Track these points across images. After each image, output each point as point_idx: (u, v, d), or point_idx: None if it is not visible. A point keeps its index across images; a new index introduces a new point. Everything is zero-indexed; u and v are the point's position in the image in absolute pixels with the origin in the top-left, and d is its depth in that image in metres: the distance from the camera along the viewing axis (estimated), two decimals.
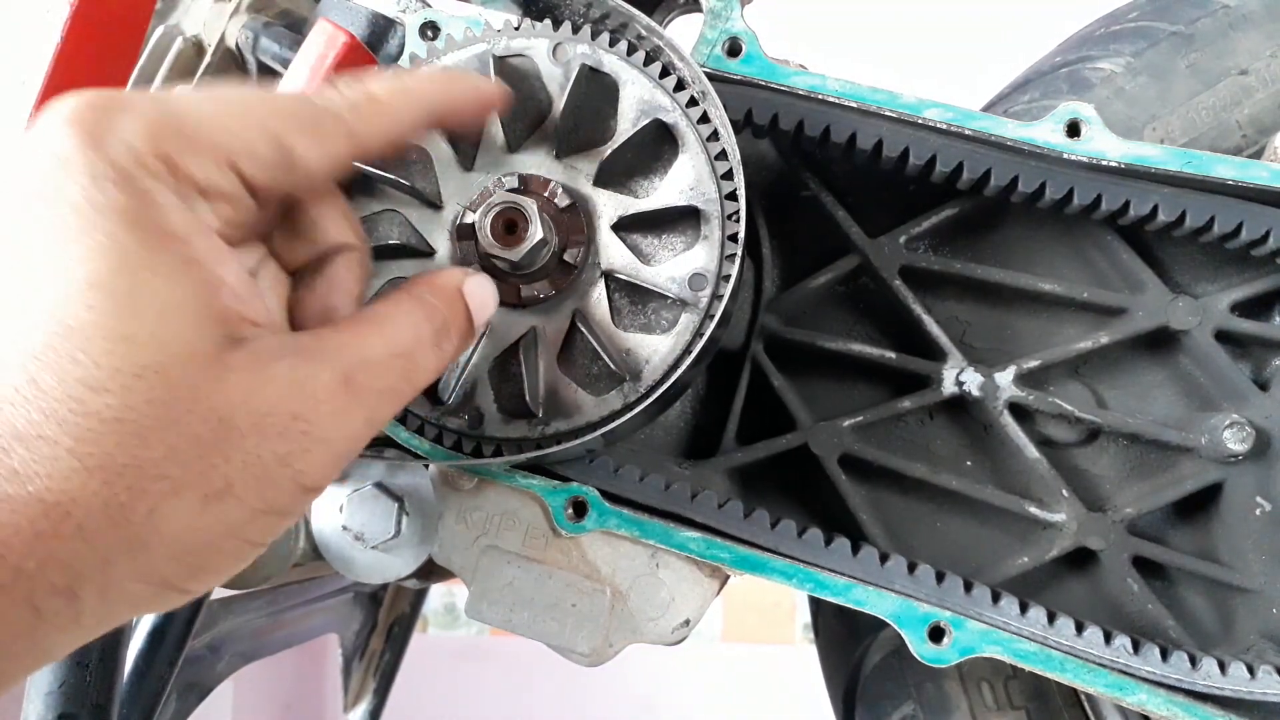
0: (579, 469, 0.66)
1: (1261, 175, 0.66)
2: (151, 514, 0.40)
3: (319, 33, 0.69)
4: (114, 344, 0.39)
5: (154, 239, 0.41)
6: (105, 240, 0.39)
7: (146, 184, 0.41)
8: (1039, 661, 0.65)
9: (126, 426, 0.39)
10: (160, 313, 0.40)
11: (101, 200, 0.40)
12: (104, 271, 0.39)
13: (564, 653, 0.69)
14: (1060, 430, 0.79)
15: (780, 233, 0.82)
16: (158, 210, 0.41)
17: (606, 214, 0.62)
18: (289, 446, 0.42)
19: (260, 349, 0.43)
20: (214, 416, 0.40)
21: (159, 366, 0.39)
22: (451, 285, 0.52)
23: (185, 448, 0.40)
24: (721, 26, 0.68)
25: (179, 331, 0.40)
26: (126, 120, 0.42)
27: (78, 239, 0.39)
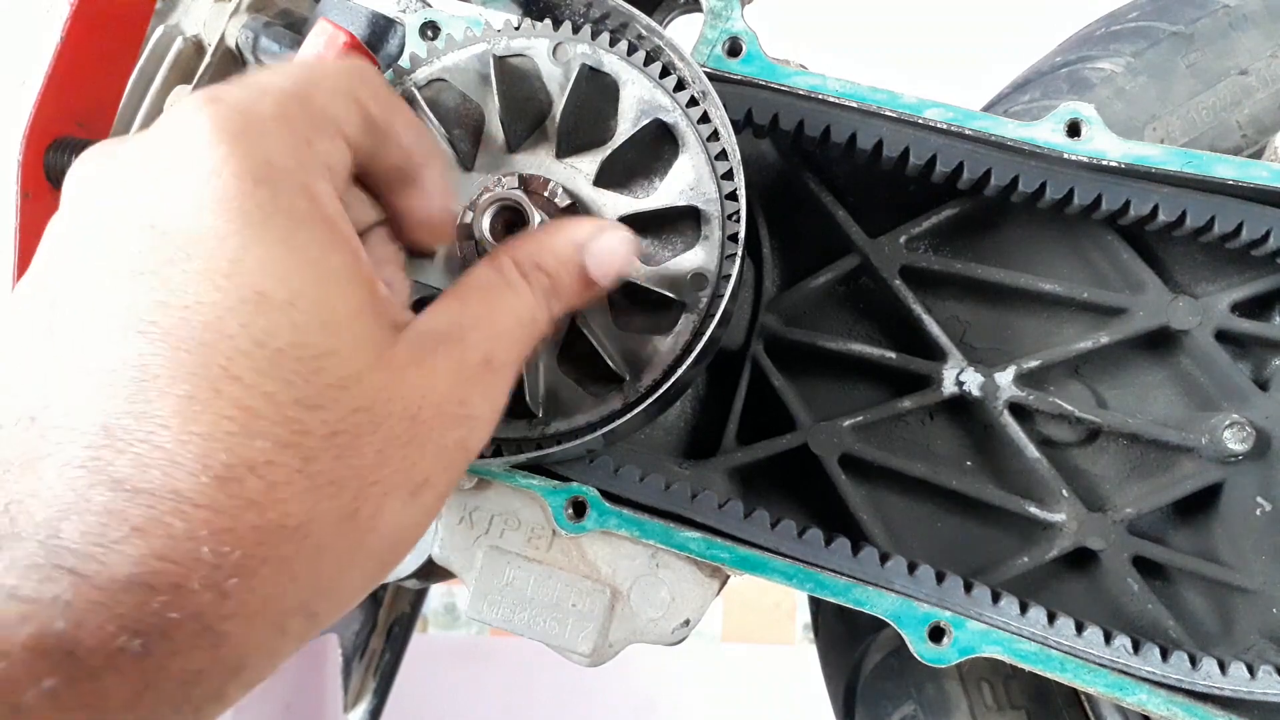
0: (579, 469, 0.66)
1: (1261, 175, 0.66)
2: (372, 518, 0.41)
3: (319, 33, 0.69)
4: (321, 360, 0.39)
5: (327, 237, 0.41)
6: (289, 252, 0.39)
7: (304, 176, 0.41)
8: (1039, 661, 0.65)
9: (342, 439, 0.39)
10: (350, 319, 0.40)
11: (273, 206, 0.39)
12: (299, 288, 0.39)
13: (564, 653, 0.69)
14: (1060, 430, 0.79)
15: (780, 233, 0.82)
16: (320, 201, 0.41)
17: (607, 214, 0.62)
18: (463, 430, 0.45)
19: (415, 340, 0.43)
20: (406, 415, 0.41)
21: (359, 375, 0.40)
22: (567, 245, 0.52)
23: (390, 450, 0.41)
24: (722, 26, 0.68)
25: (367, 334, 0.41)
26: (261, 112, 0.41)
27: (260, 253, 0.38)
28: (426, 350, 0.43)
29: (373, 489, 0.40)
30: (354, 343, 0.40)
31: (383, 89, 0.48)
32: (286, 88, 0.43)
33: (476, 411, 0.45)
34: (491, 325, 0.47)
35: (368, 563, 0.42)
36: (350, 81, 0.46)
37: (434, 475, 0.43)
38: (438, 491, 0.44)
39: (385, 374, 0.41)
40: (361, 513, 0.40)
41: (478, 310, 0.47)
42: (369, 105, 0.46)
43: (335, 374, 0.39)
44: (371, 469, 0.40)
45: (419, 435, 0.42)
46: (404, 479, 0.42)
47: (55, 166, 0.69)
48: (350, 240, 0.42)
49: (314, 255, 0.40)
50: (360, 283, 0.42)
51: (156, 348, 0.37)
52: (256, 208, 0.38)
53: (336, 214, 0.42)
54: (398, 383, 0.41)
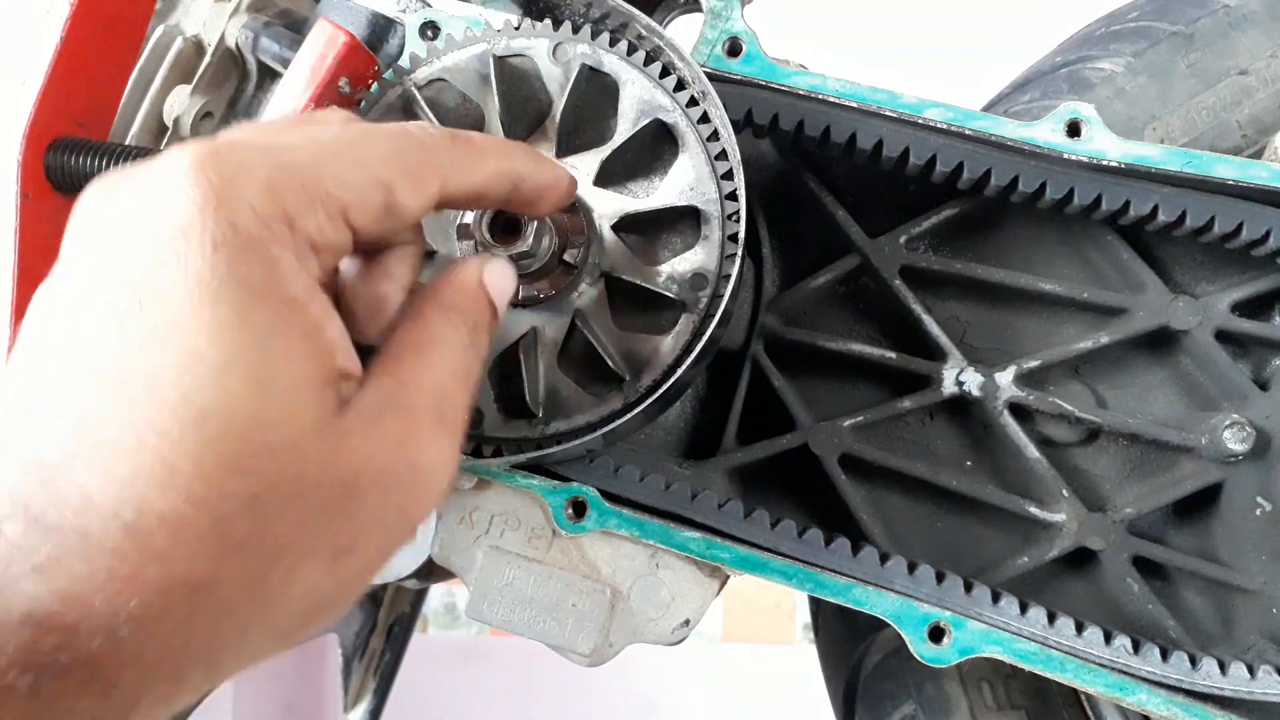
0: (579, 469, 0.66)
1: (1261, 175, 0.66)
2: (285, 580, 0.40)
3: (319, 33, 0.69)
4: (250, 426, 0.39)
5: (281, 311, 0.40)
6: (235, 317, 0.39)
7: (271, 251, 0.41)
8: (1039, 661, 0.65)
9: (263, 504, 0.39)
10: (289, 389, 0.40)
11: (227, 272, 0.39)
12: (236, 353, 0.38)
13: (564, 653, 0.69)
14: (1060, 430, 0.79)
15: (780, 233, 0.82)
16: (282, 278, 0.41)
17: (607, 214, 0.62)
18: (405, 496, 0.44)
19: (364, 406, 0.43)
20: (339, 483, 0.41)
21: (291, 443, 0.40)
22: (473, 281, 0.52)
23: (316, 516, 0.41)
24: (722, 26, 0.68)
25: (306, 405, 0.41)
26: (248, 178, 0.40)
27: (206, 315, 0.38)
28: (374, 417, 0.43)
29: (289, 553, 0.40)
30: (288, 412, 0.40)
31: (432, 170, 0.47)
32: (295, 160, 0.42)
33: (426, 476, 0.45)
34: (435, 383, 0.46)
35: (280, 622, 0.42)
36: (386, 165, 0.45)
37: (361, 542, 0.43)
38: (365, 560, 0.43)
39: (322, 443, 0.41)
40: (273, 575, 0.40)
41: (414, 368, 0.46)
42: (399, 193, 0.45)
43: (262, 440, 0.39)
44: (291, 533, 0.40)
45: (351, 503, 0.42)
46: (325, 545, 0.41)
47: (55, 166, 0.69)
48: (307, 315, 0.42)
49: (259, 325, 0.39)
50: (308, 356, 0.41)
51: (99, 393, 0.38)
52: (210, 272, 0.39)
53: (298, 289, 0.41)
54: (335, 451, 0.41)
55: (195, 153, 0.40)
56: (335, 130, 0.45)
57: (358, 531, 0.42)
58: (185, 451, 0.37)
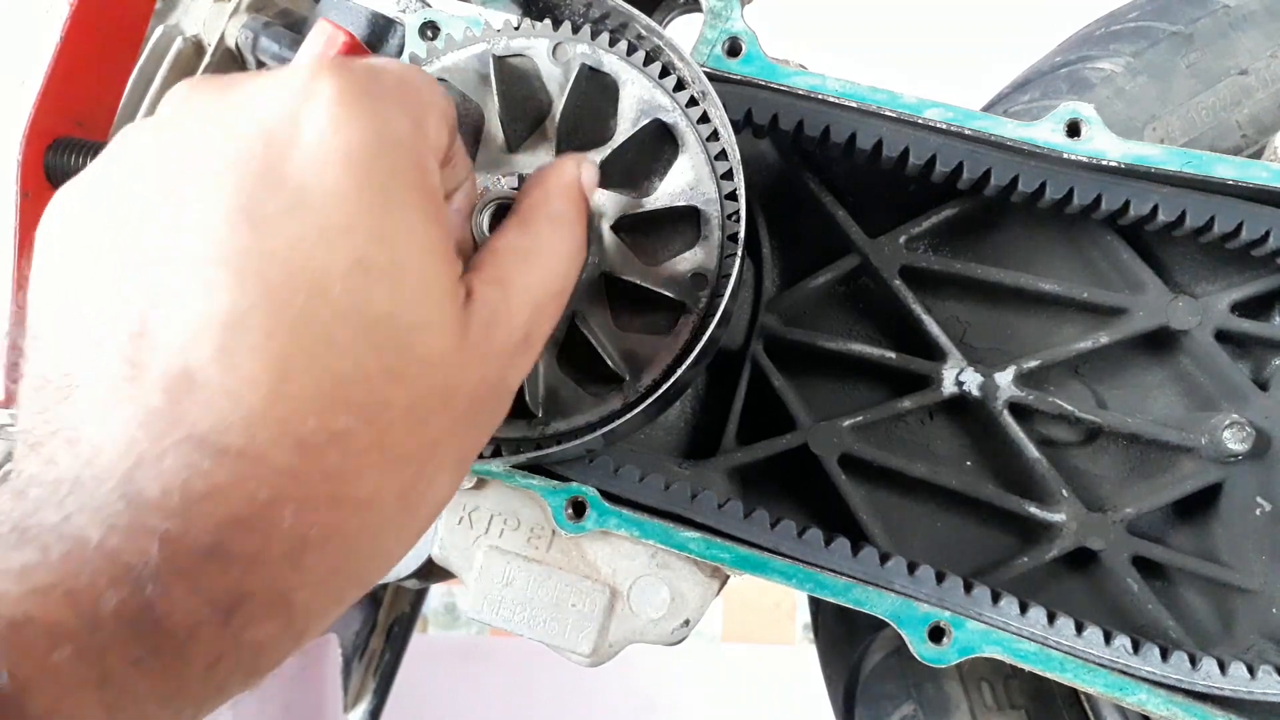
0: (579, 469, 0.66)
1: (1261, 175, 0.66)
2: (426, 490, 0.41)
3: (319, 33, 0.69)
4: (413, 333, 0.38)
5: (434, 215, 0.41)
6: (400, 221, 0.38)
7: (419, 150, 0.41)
8: (1039, 661, 0.65)
9: (417, 414, 0.39)
10: (442, 297, 0.40)
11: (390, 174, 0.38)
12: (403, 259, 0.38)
13: (564, 653, 0.69)
14: (1060, 430, 0.79)
15: (780, 233, 0.82)
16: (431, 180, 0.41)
17: (606, 214, 0.62)
18: (498, 406, 0.46)
19: (481, 317, 0.43)
20: (469, 393, 0.42)
21: (443, 353, 0.40)
22: (574, 184, 0.52)
23: (453, 426, 0.41)
24: (721, 26, 0.68)
25: (454, 313, 0.41)
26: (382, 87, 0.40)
27: (374, 218, 0.37)
28: (487, 328, 0.44)
29: (432, 463, 0.41)
30: (443, 320, 0.40)
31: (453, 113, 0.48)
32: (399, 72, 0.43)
33: (511, 387, 0.47)
34: (532, 298, 0.47)
35: (414, 533, 0.42)
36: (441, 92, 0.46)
37: (474, 449, 0.45)
38: (470, 464, 0.45)
39: (462, 352, 0.41)
40: (419, 487, 0.40)
41: (519, 282, 0.47)
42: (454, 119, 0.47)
43: (423, 348, 0.39)
44: (435, 445, 0.40)
45: (473, 413, 0.43)
46: (456, 455, 0.43)
47: (55, 166, 0.69)
48: (446, 218, 0.43)
49: (420, 228, 0.39)
50: (451, 261, 0.42)
51: (256, 299, 0.35)
52: (376, 172, 0.38)
53: (439, 191, 0.42)
54: (468, 361, 0.42)
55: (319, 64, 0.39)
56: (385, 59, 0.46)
57: (475, 439, 0.44)
58: (354, 361, 0.36)
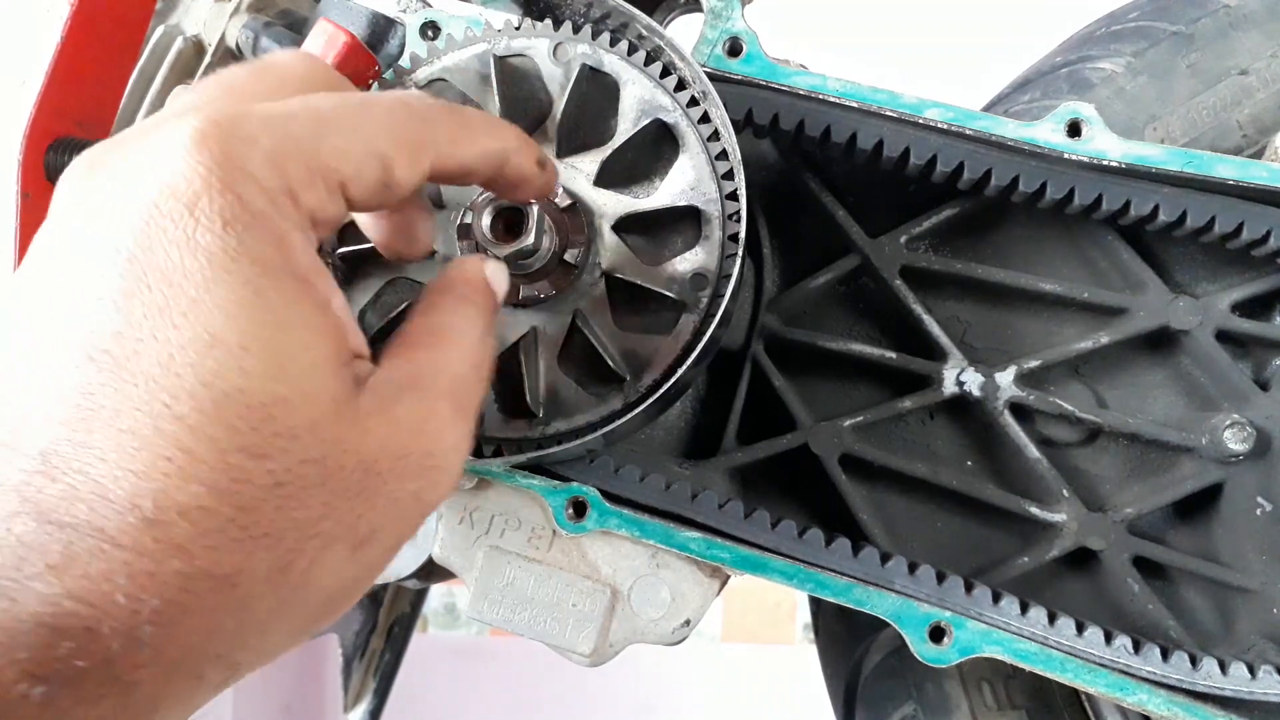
0: (579, 469, 0.66)
1: (1262, 175, 0.66)
2: (306, 572, 0.39)
3: (319, 33, 0.69)
4: (270, 408, 0.37)
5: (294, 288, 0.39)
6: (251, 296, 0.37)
7: (280, 226, 0.39)
8: (1039, 661, 0.65)
9: (285, 490, 0.38)
10: (308, 370, 0.39)
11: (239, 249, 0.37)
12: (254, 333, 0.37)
13: (564, 653, 0.69)
14: (1061, 430, 0.79)
15: (780, 233, 0.82)
16: (292, 254, 0.40)
17: (607, 214, 0.62)
18: (421, 482, 0.43)
19: (380, 388, 0.42)
20: (359, 467, 0.40)
21: (311, 425, 0.38)
22: (480, 276, 0.51)
23: (338, 502, 0.39)
24: (722, 26, 0.68)
25: (325, 385, 0.39)
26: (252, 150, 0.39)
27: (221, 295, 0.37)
28: (390, 399, 0.42)
29: (311, 542, 0.39)
30: (308, 393, 0.39)
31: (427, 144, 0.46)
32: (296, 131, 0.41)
33: (442, 462, 0.44)
34: (448, 370, 0.46)
35: (299, 616, 0.41)
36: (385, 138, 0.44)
37: (381, 528, 0.42)
38: (385, 545, 0.43)
39: (342, 425, 0.40)
40: (296, 565, 0.39)
41: (432, 356, 0.46)
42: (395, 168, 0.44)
43: (285, 423, 0.38)
44: (314, 522, 0.39)
45: (371, 487, 0.41)
46: (347, 532, 0.40)
47: (55, 166, 0.69)
48: (317, 293, 0.41)
49: (275, 304, 0.38)
50: (323, 334, 0.40)
51: (106, 377, 0.36)
52: (222, 249, 0.37)
53: (307, 265, 0.40)
54: (355, 434, 0.40)
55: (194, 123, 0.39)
56: (334, 98, 0.44)
57: (377, 517, 0.41)
58: (205, 437, 0.36)
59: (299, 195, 0.40)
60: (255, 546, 0.37)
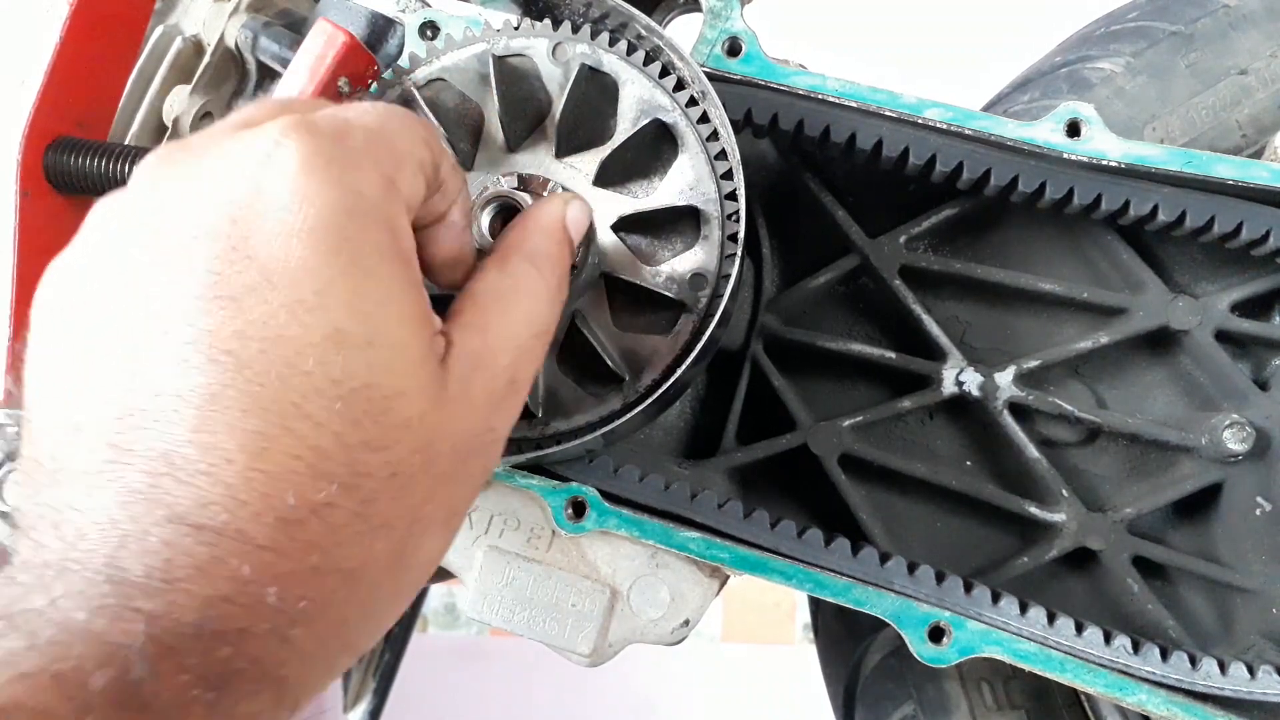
0: (579, 469, 0.66)
1: (1261, 175, 0.66)
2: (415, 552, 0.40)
3: (318, 32, 0.69)
4: (390, 401, 0.38)
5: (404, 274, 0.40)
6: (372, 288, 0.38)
7: (389, 211, 0.40)
8: (1039, 662, 0.65)
9: (399, 480, 0.38)
10: (419, 360, 0.40)
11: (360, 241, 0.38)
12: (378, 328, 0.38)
13: (564, 653, 0.69)
14: (1060, 430, 0.79)
15: (780, 233, 0.82)
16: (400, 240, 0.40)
17: (606, 214, 0.62)
18: (488, 456, 0.45)
19: (459, 369, 0.43)
20: (452, 451, 0.41)
21: (421, 415, 0.39)
22: (557, 223, 0.51)
23: (437, 487, 0.41)
24: (721, 26, 0.68)
25: (430, 376, 0.40)
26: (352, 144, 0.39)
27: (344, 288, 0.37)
28: (468, 379, 0.43)
29: (417, 527, 0.40)
30: (421, 384, 0.39)
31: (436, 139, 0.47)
32: (371, 124, 0.42)
33: (501, 435, 0.45)
34: (514, 341, 0.46)
35: (406, 595, 0.42)
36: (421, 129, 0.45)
37: (463, 503, 0.44)
38: (463, 516, 0.45)
39: (440, 412, 0.40)
40: (407, 551, 0.40)
41: (499, 325, 0.46)
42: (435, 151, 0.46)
43: (401, 414, 0.38)
44: (420, 507, 0.40)
45: (459, 469, 0.42)
46: (444, 513, 0.42)
47: (55, 166, 0.69)
48: (420, 278, 0.41)
49: (393, 294, 0.39)
50: (426, 322, 0.41)
51: (230, 378, 0.35)
52: (345, 241, 0.37)
53: (411, 251, 0.41)
54: (448, 419, 0.41)
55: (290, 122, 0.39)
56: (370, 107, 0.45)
57: (462, 494, 0.43)
58: (332, 434, 0.36)
59: (397, 180, 0.41)
60: (375, 538, 0.38)
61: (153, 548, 0.34)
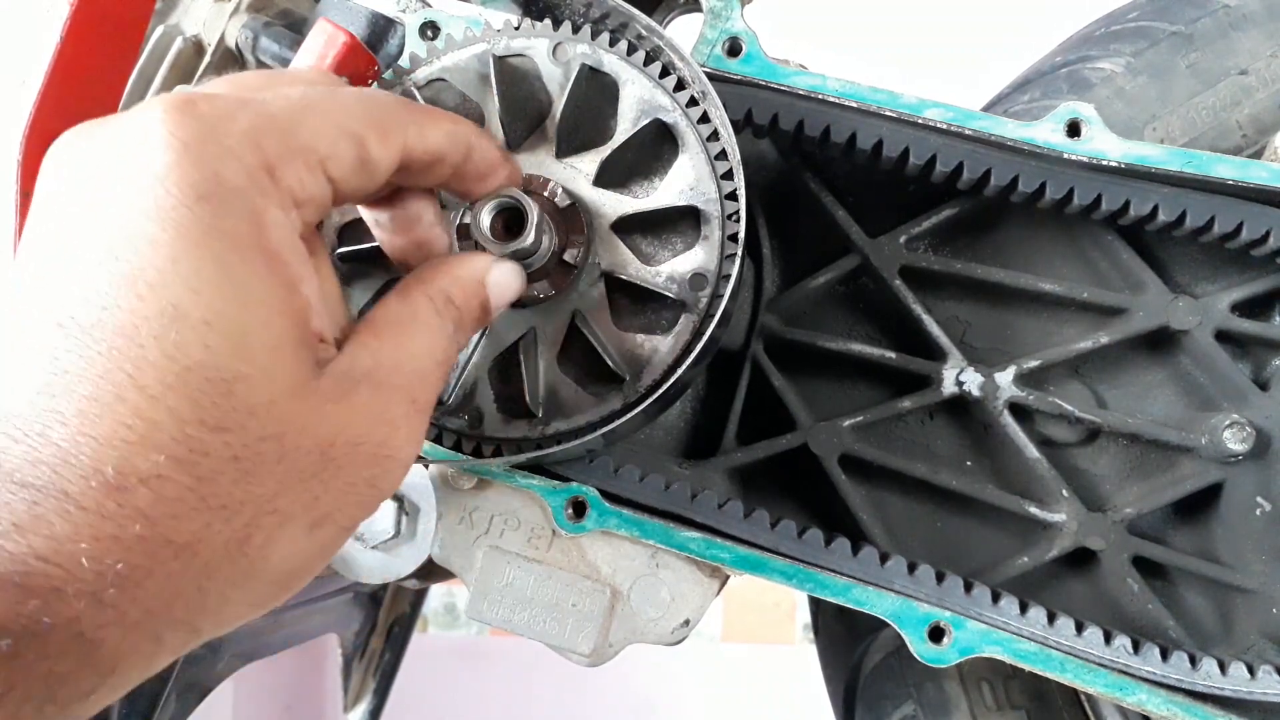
0: (579, 469, 0.66)
1: (1261, 175, 0.66)
2: (264, 546, 0.40)
3: (319, 32, 0.69)
4: (230, 383, 0.38)
5: (263, 266, 0.40)
6: (218, 271, 0.38)
7: (256, 202, 0.40)
8: (1039, 661, 0.65)
9: (243, 464, 0.39)
10: (270, 347, 0.40)
11: (211, 223, 0.38)
12: (220, 308, 0.38)
13: (564, 653, 0.69)
14: (1060, 430, 0.79)
15: (780, 233, 0.82)
16: (265, 231, 0.40)
17: (606, 214, 0.62)
18: (376, 470, 0.44)
19: (339, 374, 0.43)
20: (316, 449, 0.41)
21: (270, 403, 0.39)
22: (474, 278, 0.52)
23: (293, 481, 0.41)
24: (721, 26, 0.68)
25: (285, 365, 0.40)
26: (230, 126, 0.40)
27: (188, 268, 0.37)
28: (349, 387, 0.43)
29: (268, 518, 0.40)
30: (268, 371, 0.39)
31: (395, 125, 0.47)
32: (273, 110, 0.42)
33: (397, 453, 0.45)
34: (411, 364, 0.46)
35: (257, 588, 0.42)
36: (356, 119, 0.45)
37: (337, 511, 0.43)
38: (339, 527, 0.44)
39: (300, 405, 0.40)
40: (253, 539, 0.40)
41: (394, 349, 0.46)
42: (370, 146, 0.45)
43: (244, 399, 0.38)
44: (270, 498, 0.40)
45: (327, 470, 0.42)
46: (304, 511, 0.41)
47: None
48: (289, 272, 0.41)
49: (242, 280, 0.39)
50: (288, 315, 0.41)
51: (71, 344, 0.36)
52: (194, 222, 0.38)
53: (281, 243, 0.41)
54: (313, 416, 0.41)
55: (172, 101, 0.40)
56: (303, 87, 0.45)
57: (333, 499, 0.43)
58: (166, 408, 0.37)
59: (277, 172, 0.41)
60: (213, 517, 0.38)
61: None
